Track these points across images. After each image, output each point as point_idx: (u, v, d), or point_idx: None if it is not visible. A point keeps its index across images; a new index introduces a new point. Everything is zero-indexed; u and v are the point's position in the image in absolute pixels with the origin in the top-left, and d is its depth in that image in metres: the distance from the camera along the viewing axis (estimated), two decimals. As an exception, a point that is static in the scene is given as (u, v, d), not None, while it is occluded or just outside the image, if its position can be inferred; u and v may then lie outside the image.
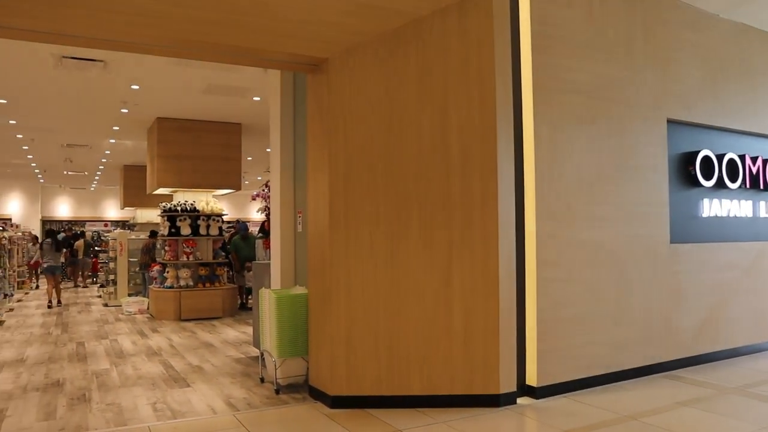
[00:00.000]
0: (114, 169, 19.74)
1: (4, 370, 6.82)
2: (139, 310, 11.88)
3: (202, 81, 9.05)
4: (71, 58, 7.82)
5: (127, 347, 8.22)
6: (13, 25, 4.62)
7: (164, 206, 11.45)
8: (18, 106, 10.81)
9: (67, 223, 27.91)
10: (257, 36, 4.95)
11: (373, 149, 5.13)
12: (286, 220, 6.25)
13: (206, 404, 5.39)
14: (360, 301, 5.08)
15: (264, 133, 12.74)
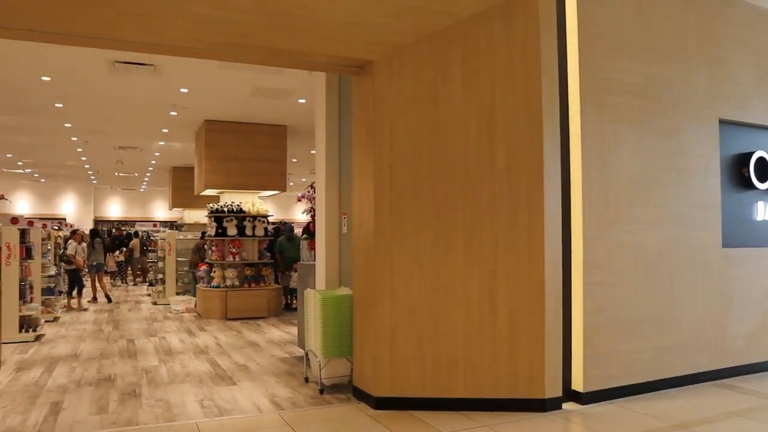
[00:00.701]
0: (163, 170, 20.21)
1: (60, 365, 7.05)
2: (186, 309, 12.14)
3: (248, 84, 9.19)
4: (123, 62, 8.04)
5: (176, 345, 8.40)
6: (68, 32, 4.78)
7: (211, 207, 11.67)
8: (73, 110, 11.16)
9: (117, 223, 28.68)
10: (303, 39, 5.01)
11: (419, 151, 5.14)
12: (331, 222, 6.31)
13: (252, 402, 5.47)
14: (404, 303, 5.09)
15: (309, 135, 12.89)
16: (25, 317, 8.79)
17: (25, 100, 10.39)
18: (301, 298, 7.01)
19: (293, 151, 14.23)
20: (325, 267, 6.28)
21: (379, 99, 5.22)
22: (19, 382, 6.25)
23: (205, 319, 11.11)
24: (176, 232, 14.77)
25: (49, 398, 5.62)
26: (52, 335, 9.21)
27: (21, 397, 5.67)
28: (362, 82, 5.50)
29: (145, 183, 25.98)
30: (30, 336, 8.67)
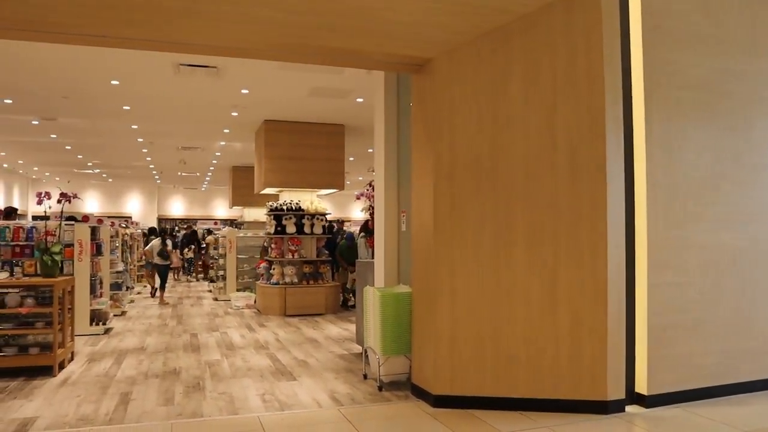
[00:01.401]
0: (223, 170, 20.68)
1: (128, 357, 7.31)
2: (246, 305, 12.40)
3: (307, 84, 9.32)
4: (187, 65, 8.27)
5: (237, 340, 8.59)
6: (136, 37, 4.96)
7: (271, 205, 11.88)
8: (139, 112, 11.55)
9: (180, 221, 29.54)
10: (362, 38, 5.04)
11: (478, 149, 5.10)
12: (390, 220, 6.33)
13: (312, 398, 5.55)
14: (464, 301, 5.07)
15: (366, 134, 12.98)
16: (96, 311, 9.15)
17: (95, 104, 10.81)
18: (359, 296, 7.07)
19: (350, 150, 14.35)
20: (384, 265, 6.32)
21: (439, 97, 5.21)
22: (91, 372, 6.51)
23: (264, 315, 11.33)
24: (236, 230, 15.10)
25: (118, 389, 5.84)
26: (120, 329, 9.56)
27: (93, 387, 5.91)
28: (421, 81, 5.50)
29: (206, 182, 26.66)
30: (100, 329, 9.01)
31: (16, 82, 9.38)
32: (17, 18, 4.43)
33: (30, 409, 5.15)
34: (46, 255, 6.64)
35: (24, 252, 8.57)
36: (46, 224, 7.98)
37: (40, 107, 11.25)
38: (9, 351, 6.40)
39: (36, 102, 10.76)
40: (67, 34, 4.87)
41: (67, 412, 5.09)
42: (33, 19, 4.46)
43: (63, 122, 12.68)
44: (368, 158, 17.04)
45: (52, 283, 6.44)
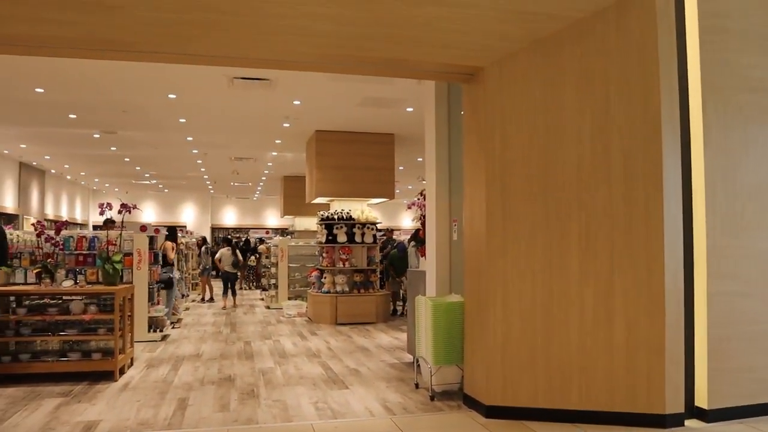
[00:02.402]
0: (275, 180, 21.03)
1: (185, 363, 7.49)
2: (298, 313, 12.55)
3: (358, 94, 9.41)
4: (241, 78, 8.47)
5: (289, 348, 8.70)
6: (193, 52, 5.10)
7: (322, 215, 12.01)
8: (195, 124, 11.87)
9: (232, 230, 30.11)
10: (412, 48, 5.07)
11: (531, 157, 5.07)
12: (442, 229, 6.33)
13: (364, 406, 5.58)
14: (516, 311, 5.03)
15: (415, 143, 13.02)
16: (153, 318, 9.40)
17: (153, 117, 11.17)
18: (411, 305, 7.08)
19: (400, 159, 14.41)
20: (435, 274, 6.32)
21: (490, 105, 5.20)
22: (150, 378, 6.70)
23: (315, 323, 11.44)
24: (288, 239, 15.31)
25: (176, 394, 5.99)
26: (176, 336, 9.80)
27: (152, 392, 6.08)
28: (472, 90, 5.50)
29: (258, 192, 27.13)
30: (157, 336, 9.26)
31: (80, 98, 9.78)
32: (90, 38, 4.63)
33: (93, 413, 5.33)
34: (108, 264, 6.88)
35: (87, 261, 8.88)
36: (107, 233, 8.26)
37: (102, 121, 11.70)
38: (73, 356, 6.65)
39: (97, 116, 11.20)
40: (129, 52, 5.06)
41: (128, 416, 5.25)
42: (100, 38, 4.65)
43: (122, 135, 13.14)
44: (418, 167, 17.08)
45: (113, 291, 6.67)
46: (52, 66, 8.02)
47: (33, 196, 19.34)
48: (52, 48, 4.87)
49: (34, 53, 5.06)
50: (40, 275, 6.92)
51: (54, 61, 7.71)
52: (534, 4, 4.59)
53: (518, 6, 4.57)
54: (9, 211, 17.20)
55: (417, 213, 7.49)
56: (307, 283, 13.29)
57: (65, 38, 4.62)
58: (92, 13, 4.33)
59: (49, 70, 8.23)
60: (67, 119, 11.40)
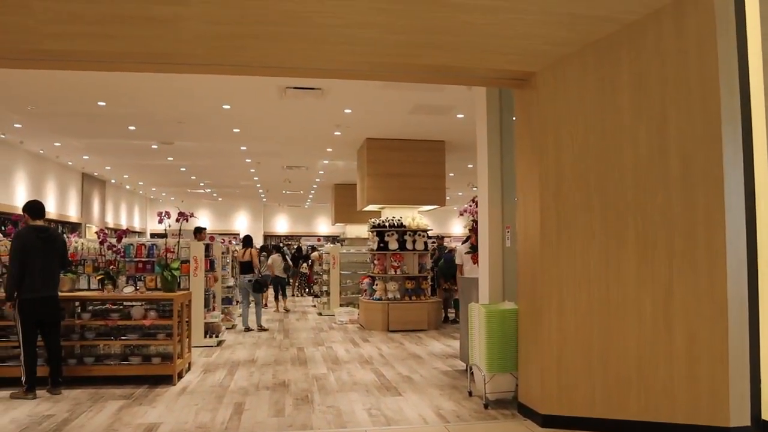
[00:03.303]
0: (326, 188, 21.25)
1: (240, 369, 7.63)
2: (349, 320, 12.63)
3: (409, 101, 9.44)
4: (294, 88, 8.60)
5: (342, 354, 8.76)
6: (247, 64, 5.21)
7: (373, 222, 12.07)
8: (248, 134, 12.12)
9: (284, 238, 30.55)
10: (463, 55, 5.07)
11: (586, 162, 4.99)
12: (495, 235, 6.28)
13: (417, 413, 5.57)
14: (572, 318, 4.94)
15: (466, 150, 12.97)
16: (209, 324, 9.60)
17: (208, 128, 11.46)
18: (464, 312, 7.04)
19: (450, 166, 14.38)
20: (488, 281, 6.27)
21: (543, 111, 5.15)
22: (207, 382, 6.84)
23: (367, 330, 11.49)
24: (339, 246, 15.44)
25: (232, 399, 6.10)
26: (231, 341, 9.99)
27: (209, 396, 6.21)
28: (525, 95, 5.46)
29: (309, 200, 27.46)
30: (213, 341, 9.45)
31: (139, 110, 10.12)
32: (148, 52, 4.79)
33: (153, 416, 5.48)
34: (167, 270, 7.07)
35: (146, 268, 9.15)
36: (165, 241, 8.49)
37: (159, 132, 12.07)
38: (134, 360, 6.85)
39: (155, 128, 11.55)
40: (185, 64, 5.20)
41: (187, 419, 5.38)
42: (157, 52, 4.80)
43: (179, 145, 13.51)
44: (468, 174, 17.00)
45: (171, 298, 6.85)
46: (113, 80, 8.32)
47: (94, 205, 20.04)
48: (112, 62, 5.06)
49: (95, 68, 5.27)
50: (103, 281, 7.16)
51: (115, 76, 8.00)
52: (586, 7, 4.53)
53: (570, 9, 4.52)
54: (73, 220, 17.85)
55: (469, 220, 7.45)
56: (359, 290, 13.37)
57: (124, 53, 4.80)
58: (150, 28, 4.49)
59: (110, 84, 8.54)
60: (126, 131, 11.80)
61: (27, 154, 14.50)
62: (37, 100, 9.54)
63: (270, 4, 4.34)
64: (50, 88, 8.84)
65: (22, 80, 8.38)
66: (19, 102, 9.70)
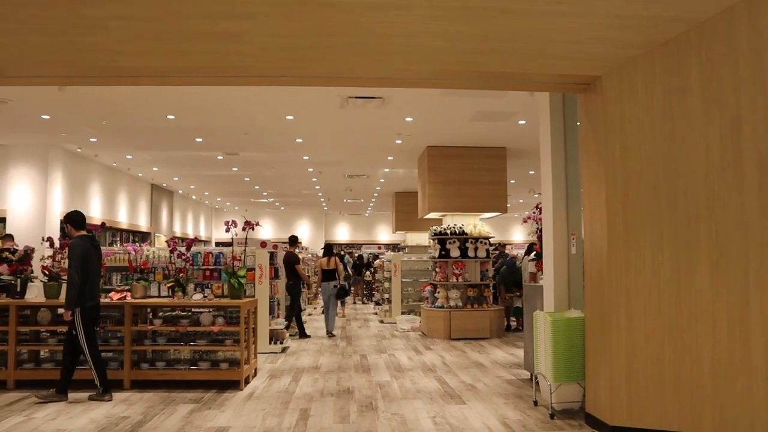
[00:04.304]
0: (386, 196, 21.35)
1: (304, 375, 7.73)
2: (411, 328, 12.63)
3: (470, 108, 9.41)
4: (355, 97, 8.70)
5: (404, 362, 8.77)
6: (311, 75, 5.32)
7: (435, 230, 12.05)
8: (310, 144, 12.31)
9: (345, 246, 30.83)
10: (525, 61, 5.03)
11: (654, 167, 4.86)
12: (559, 242, 6.18)
13: (482, 422, 5.52)
14: (641, 328, 4.81)
15: (527, 156, 12.81)
16: (273, 331, 9.78)
17: (271, 138, 11.71)
18: (528, 320, 6.95)
19: (511, 173, 14.24)
20: (553, 288, 6.17)
21: (609, 115, 5.05)
22: (273, 388, 6.97)
23: (429, 338, 11.46)
24: (401, 254, 15.48)
25: (298, 405, 6.20)
26: (295, 348, 10.14)
27: (275, 401, 6.32)
28: (589, 99, 5.36)
29: (370, 208, 27.65)
30: (277, 348, 9.62)
31: (206, 123, 10.43)
32: (216, 65, 4.95)
33: (222, 420, 5.62)
34: (234, 278, 7.25)
35: (213, 275, 9.41)
36: (232, 250, 8.69)
37: (225, 144, 12.41)
38: (203, 365, 7.04)
39: (221, 139, 11.88)
40: (251, 77, 5.36)
41: (254, 424, 5.49)
42: (225, 65, 4.96)
43: (243, 156, 13.85)
44: (529, 180, 16.78)
45: (239, 305, 7.01)
46: (182, 94, 8.61)
47: (163, 215, 20.72)
48: (182, 77, 5.27)
49: (166, 83, 5.51)
50: (173, 289, 7.40)
51: (184, 90, 8.29)
52: (654, 8, 4.42)
53: (637, 12, 4.42)
54: (143, 230, 18.51)
55: (533, 227, 7.35)
56: (420, 298, 13.36)
57: (194, 68, 4.98)
58: (218, 43, 4.65)
59: (179, 98, 8.84)
60: (194, 143, 12.18)
61: (101, 166, 15.14)
62: (111, 115, 9.97)
63: (332, 16, 4.42)
64: (123, 104, 9.23)
65: (97, 96, 8.78)
66: (95, 117, 10.15)
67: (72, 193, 13.56)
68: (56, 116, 10.03)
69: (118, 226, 16.50)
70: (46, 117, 10.04)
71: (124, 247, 9.20)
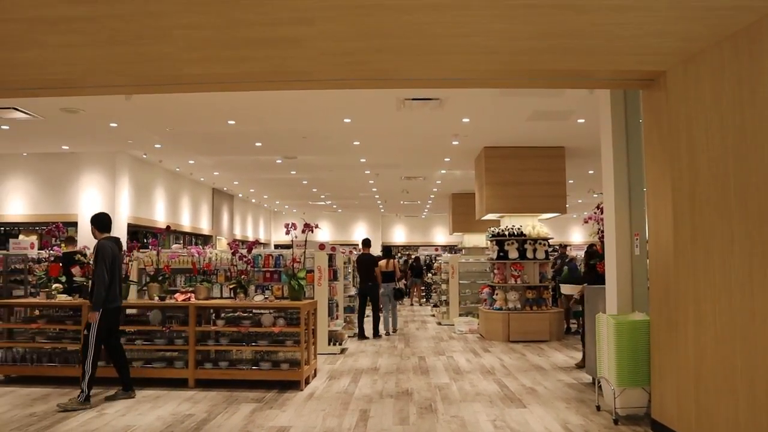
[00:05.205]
0: (443, 197, 21.28)
1: (363, 376, 7.78)
2: (469, 330, 12.54)
3: (527, 108, 9.28)
4: (412, 99, 8.71)
5: (463, 364, 8.72)
6: (369, 77, 5.35)
7: (492, 231, 11.94)
8: (368, 146, 12.39)
9: (402, 248, 30.86)
10: (587, 57, 4.92)
11: (723, 164, 4.67)
12: (622, 243, 6.03)
13: (544, 427, 5.43)
14: (711, 332, 4.63)
15: (586, 155, 12.55)
16: (332, 332, 9.88)
17: (329, 141, 11.84)
18: (590, 323, 6.80)
19: (569, 173, 13.97)
20: (616, 290, 6.02)
21: (674, 111, 4.90)
22: (332, 389, 7.04)
23: (487, 340, 11.35)
24: (458, 256, 15.39)
25: (357, 405, 6.24)
26: (353, 349, 10.21)
27: (335, 402, 6.39)
28: (653, 96, 5.22)
29: (426, 210, 27.61)
30: (336, 349, 9.71)
31: (266, 127, 10.63)
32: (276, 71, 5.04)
33: (284, 419, 5.71)
34: (294, 280, 7.36)
35: (273, 277, 9.58)
36: (292, 252, 8.83)
37: (284, 147, 12.62)
38: (264, 365, 7.17)
39: (280, 143, 12.10)
40: (310, 81, 5.43)
41: (315, 424, 5.56)
42: (285, 70, 5.05)
43: (301, 159, 14.06)
44: (588, 180, 16.43)
45: (299, 306, 7.12)
46: (242, 100, 8.80)
47: (224, 218, 21.22)
48: (244, 83, 5.38)
49: (229, 89, 5.63)
50: (235, 290, 7.56)
51: (244, 96, 8.46)
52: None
53: (705, 2, 4.26)
54: (205, 232, 19.00)
55: (594, 227, 7.19)
56: (478, 300, 13.25)
57: (255, 73, 5.07)
58: (278, 48, 4.73)
59: (239, 103, 9.04)
60: (253, 147, 12.43)
61: (165, 171, 15.63)
62: (174, 121, 10.28)
63: (389, 19, 4.44)
64: (185, 110, 9.50)
65: (161, 104, 9.07)
66: (159, 124, 10.49)
67: (138, 197, 14.05)
68: (123, 124, 10.41)
69: (181, 229, 16.99)
70: (114, 125, 10.44)
71: (188, 250, 9.46)
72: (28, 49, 4.76)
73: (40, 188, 13.30)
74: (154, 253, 8.56)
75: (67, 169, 13.15)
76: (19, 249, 11.07)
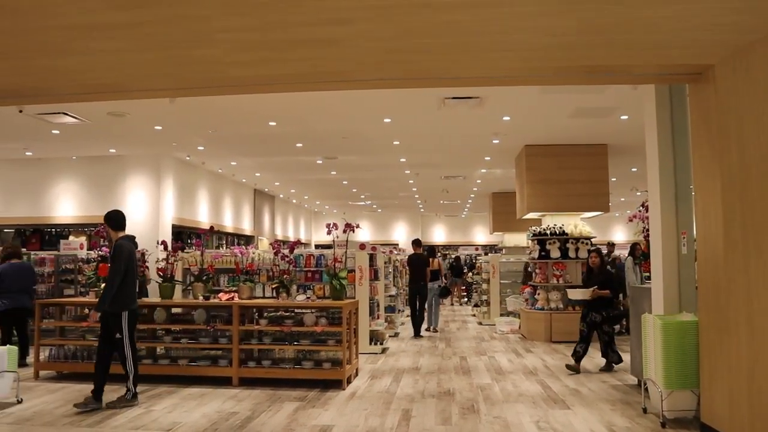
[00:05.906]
0: (483, 196, 21.12)
1: (405, 376, 7.78)
2: (510, 330, 12.43)
3: (569, 105, 9.15)
4: (452, 98, 8.67)
5: (505, 365, 8.64)
6: (409, 76, 5.35)
7: (534, 230, 11.80)
8: (407, 146, 12.38)
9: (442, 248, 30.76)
10: (630, 53, 4.82)
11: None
12: (669, 242, 5.89)
13: (588, 428, 5.35)
14: (764, 333, 4.48)
15: (629, 153, 12.30)
16: (373, 332, 9.90)
17: (369, 141, 11.87)
18: (635, 324, 6.67)
19: (612, 170, 13.71)
20: (662, 290, 5.88)
21: (724, 105, 4.76)
22: (374, 388, 7.05)
23: (529, 340, 11.23)
24: (499, 255, 15.27)
25: (399, 405, 6.24)
26: (394, 349, 10.22)
27: (377, 401, 6.40)
28: (701, 90, 5.08)
29: (466, 209, 27.45)
30: (377, 348, 9.73)
31: (306, 128, 10.72)
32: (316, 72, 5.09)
33: (326, 418, 5.74)
34: (336, 280, 7.40)
35: (314, 277, 9.66)
36: (334, 252, 8.89)
37: (324, 148, 12.70)
38: (307, 364, 7.23)
39: (321, 144, 12.17)
40: (351, 81, 5.46)
41: (357, 423, 5.58)
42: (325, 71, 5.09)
43: (342, 160, 14.12)
44: (631, 178, 16.09)
45: (341, 306, 7.15)
46: (283, 101, 8.89)
47: (265, 218, 21.45)
48: (286, 84, 5.44)
49: (272, 90, 5.71)
50: (278, 290, 7.64)
51: (285, 97, 8.54)
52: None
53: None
54: (246, 233, 19.25)
55: (639, 226, 7.05)
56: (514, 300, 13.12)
57: (297, 74, 5.13)
58: (319, 49, 4.76)
59: (280, 105, 9.13)
60: (294, 148, 12.54)
61: (208, 173, 15.88)
62: (216, 124, 10.44)
63: (427, 18, 4.42)
64: (227, 113, 9.64)
65: (204, 106, 9.21)
66: (202, 126, 10.67)
67: (182, 199, 14.31)
68: (168, 127, 10.62)
69: (223, 229, 17.24)
70: (159, 128, 10.66)
71: (231, 250, 9.59)
72: (73, 55, 4.89)
73: (89, 190, 13.66)
74: (198, 254, 8.70)
75: (114, 171, 13.48)
76: (70, 249, 11.40)
